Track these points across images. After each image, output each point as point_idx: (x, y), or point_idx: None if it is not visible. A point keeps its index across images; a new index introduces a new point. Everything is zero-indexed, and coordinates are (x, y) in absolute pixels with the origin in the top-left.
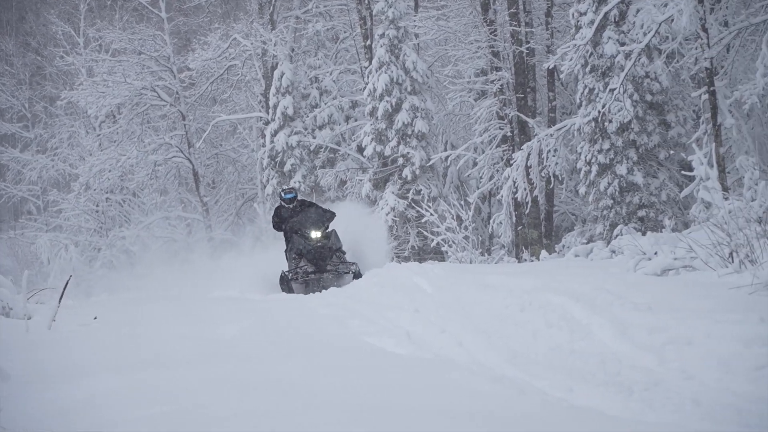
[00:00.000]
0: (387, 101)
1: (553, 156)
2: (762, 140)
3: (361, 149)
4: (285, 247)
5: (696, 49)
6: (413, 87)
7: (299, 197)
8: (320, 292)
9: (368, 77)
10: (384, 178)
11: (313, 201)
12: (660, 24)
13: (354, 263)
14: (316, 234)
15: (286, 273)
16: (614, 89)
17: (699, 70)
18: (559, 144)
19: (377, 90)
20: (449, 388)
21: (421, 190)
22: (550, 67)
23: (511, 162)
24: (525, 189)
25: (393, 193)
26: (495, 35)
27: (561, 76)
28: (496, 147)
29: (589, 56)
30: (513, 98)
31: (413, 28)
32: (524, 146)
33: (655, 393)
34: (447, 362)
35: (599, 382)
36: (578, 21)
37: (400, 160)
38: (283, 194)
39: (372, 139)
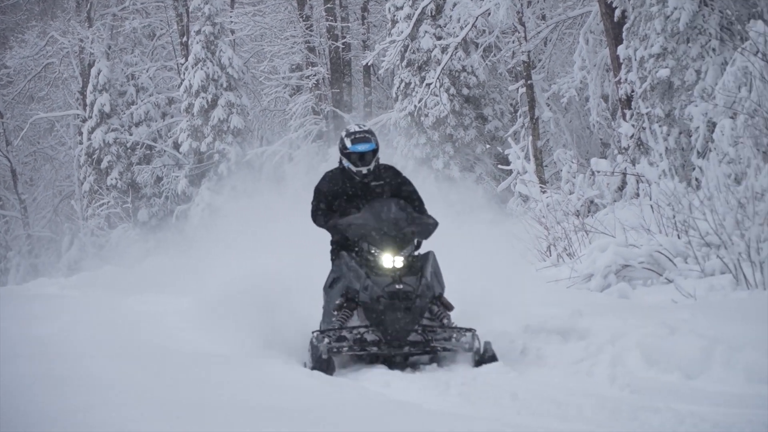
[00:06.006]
0: (203, 97)
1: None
2: (580, 133)
3: (177, 146)
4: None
5: (513, 42)
6: (229, 83)
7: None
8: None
9: (184, 74)
10: (200, 174)
11: (401, 174)
12: (477, 18)
13: (470, 330)
14: (396, 260)
15: (321, 340)
16: (430, 83)
17: (516, 64)
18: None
19: (193, 86)
20: (268, 383)
21: (237, 186)
22: (369, 64)
23: (327, 157)
24: None
25: (209, 189)
26: (311, 30)
27: (379, 72)
28: (312, 142)
29: (406, 50)
30: (329, 93)
31: (229, 24)
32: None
33: (473, 387)
34: (266, 358)
35: (416, 378)
36: (395, 15)
37: (216, 156)
38: (349, 141)
39: (188, 135)
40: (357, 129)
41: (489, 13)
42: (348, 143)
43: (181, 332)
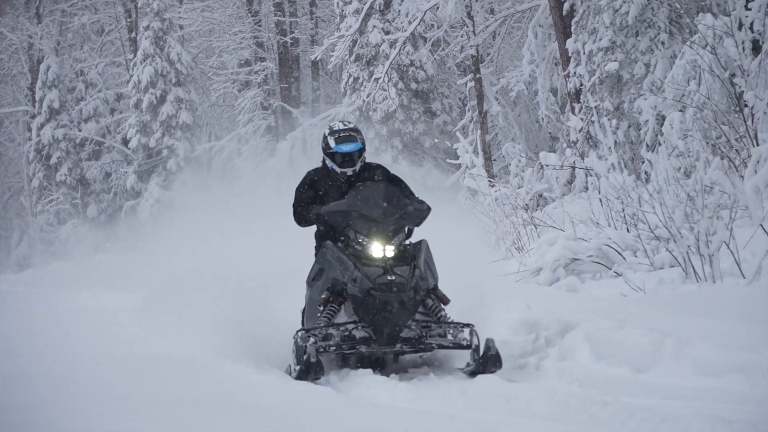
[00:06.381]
0: (152, 93)
1: (318, 146)
2: (528, 127)
3: (126, 141)
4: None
5: (462, 36)
6: (178, 79)
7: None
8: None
9: (133, 69)
10: (149, 169)
11: (390, 172)
12: (425, 12)
13: (468, 325)
14: (386, 248)
15: (306, 339)
16: (379, 78)
17: (465, 58)
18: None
19: (142, 82)
20: (223, 380)
21: (186, 181)
22: (318, 59)
23: (276, 152)
24: None
25: (158, 184)
26: (259, 26)
27: (327, 67)
28: (261, 137)
29: (354, 45)
30: (277, 88)
31: (178, 19)
32: (288, 136)
33: (423, 383)
34: (231, 361)
35: (365, 373)
36: (343, 10)
37: (165, 152)
38: (332, 140)
39: (137, 131)
40: (342, 127)
41: (437, 8)
42: (332, 143)
43: (139, 330)
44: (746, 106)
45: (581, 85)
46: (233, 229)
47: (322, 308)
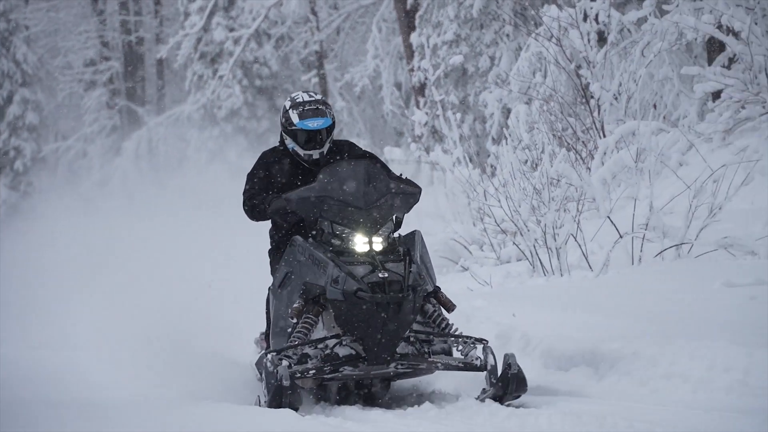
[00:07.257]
0: None
1: (164, 144)
2: (373, 122)
3: None
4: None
5: (306, 32)
6: (24, 79)
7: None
8: None
9: None
10: None
11: (360, 147)
12: (269, 8)
13: (481, 340)
14: (373, 241)
15: (278, 362)
16: (223, 75)
17: (309, 54)
18: (170, 132)
19: None
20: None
21: (32, 182)
22: (163, 57)
23: (122, 152)
24: None
25: (5, 185)
26: (105, 25)
27: (174, 65)
28: (106, 137)
29: (199, 43)
30: (123, 87)
31: (23, 20)
32: (133, 135)
33: None
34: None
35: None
36: (187, 8)
37: (12, 153)
38: (295, 115)
39: None
40: (307, 98)
41: (281, 4)
42: (294, 117)
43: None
44: (592, 97)
45: (426, 79)
46: (86, 229)
47: (295, 321)
